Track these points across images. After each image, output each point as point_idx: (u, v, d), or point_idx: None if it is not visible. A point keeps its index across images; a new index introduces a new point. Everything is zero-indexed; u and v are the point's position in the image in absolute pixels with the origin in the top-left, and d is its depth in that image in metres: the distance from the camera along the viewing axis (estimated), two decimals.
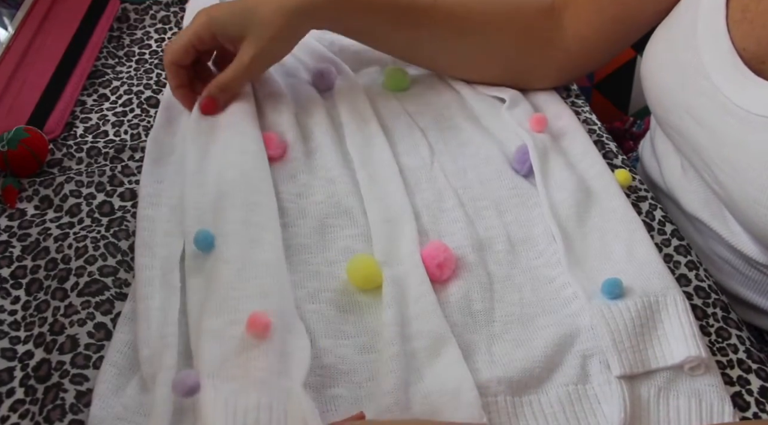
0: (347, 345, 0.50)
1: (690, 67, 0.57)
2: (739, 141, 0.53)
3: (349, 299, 0.53)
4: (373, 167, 0.62)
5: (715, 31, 0.56)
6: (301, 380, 0.45)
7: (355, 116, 0.66)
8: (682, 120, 0.59)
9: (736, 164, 0.53)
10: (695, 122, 0.57)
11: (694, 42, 0.57)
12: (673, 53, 0.59)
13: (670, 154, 0.67)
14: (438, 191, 0.61)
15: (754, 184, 0.52)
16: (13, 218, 0.58)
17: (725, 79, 0.54)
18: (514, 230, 0.59)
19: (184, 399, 0.44)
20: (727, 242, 0.61)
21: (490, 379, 0.47)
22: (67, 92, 0.68)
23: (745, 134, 0.52)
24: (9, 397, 0.47)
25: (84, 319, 0.51)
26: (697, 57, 0.57)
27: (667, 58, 0.60)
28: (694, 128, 0.57)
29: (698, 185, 0.63)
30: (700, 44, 0.56)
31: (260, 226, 0.54)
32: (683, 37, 0.58)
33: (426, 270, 0.53)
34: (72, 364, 0.48)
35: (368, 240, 0.57)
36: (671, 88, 0.59)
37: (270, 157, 0.61)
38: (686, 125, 0.58)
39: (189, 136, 0.61)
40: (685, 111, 0.58)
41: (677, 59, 0.59)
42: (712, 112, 0.55)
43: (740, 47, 0.54)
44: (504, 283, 0.55)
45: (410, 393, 0.47)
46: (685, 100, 0.58)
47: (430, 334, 0.50)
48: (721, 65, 0.55)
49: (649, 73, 0.63)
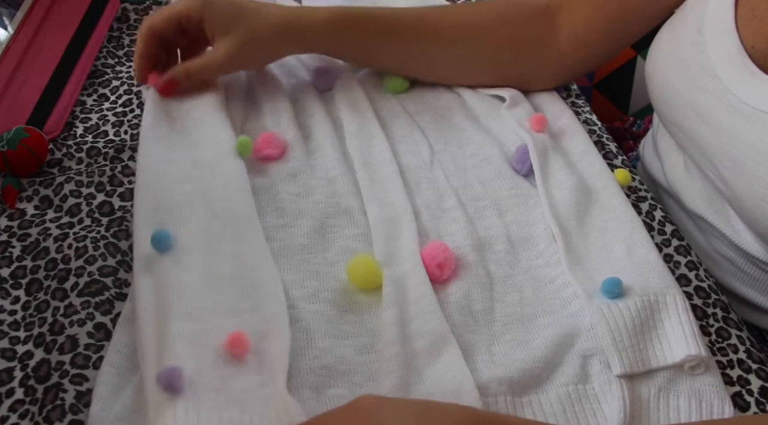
0: (347, 345, 0.50)
1: (696, 65, 0.57)
2: (746, 138, 0.53)
3: (348, 300, 0.53)
4: (373, 166, 0.62)
5: (724, 30, 0.56)
6: (283, 382, 0.45)
7: (356, 116, 0.66)
8: (687, 117, 0.59)
9: (741, 162, 0.53)
10: (701, 119, 0.57)
11: (700, 40, 0.57)
12: (679, 51, 0.59)
13: (673, 151, 0.67)
14: (438, 190, 0.61)
15: (760, 181, 0.52)
16: (13, 218, 0.58)
17: (733, 77, 0.54)
18: (514, 230, 0.59)
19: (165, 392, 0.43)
20: (730, 239, 0.61)
21: (490, 379, 0.47)
22: (67, 92, 0.68)
23: (752, 132, 0.52)
24: (9, 397, 0.47)
25: (84, 319, 0.51)
26: (703, 55, 0.57)
27: (672, 56, 0.60)
28: (699, 126, 0.57)
29: (701, 183, 0.63)
30: (708, 42, 0.56)
31: (229, 237, 0.53)
32: (689, 35, 0.58)
33: (426, 270, 0.53)
34: (72, 364, 0.48)
35: (368, 240, 0.57)
36: (676, 86, 0.59)
37: (269, 156, 0.61)
38: (691, 122, 0.58)
39: (148, 123, 0.61)
40: (690, 109, 0.58)
41: (683, 57, 0.59)
42: (718, 109, 0.55)
43: (749, 45, 0.54)
44: (504, 283, 0.55)
45: (410, 393, 0.47)
46: (690, 98, 0.58)
47: (431, 334, 0.50)
48: (729, 63, 0.55)
49: (653, 70, 0.63)
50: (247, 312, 0.49)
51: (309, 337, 0.50)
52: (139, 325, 0.48)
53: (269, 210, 0.58)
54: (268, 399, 0.44)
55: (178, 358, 0.44)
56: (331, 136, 0.64)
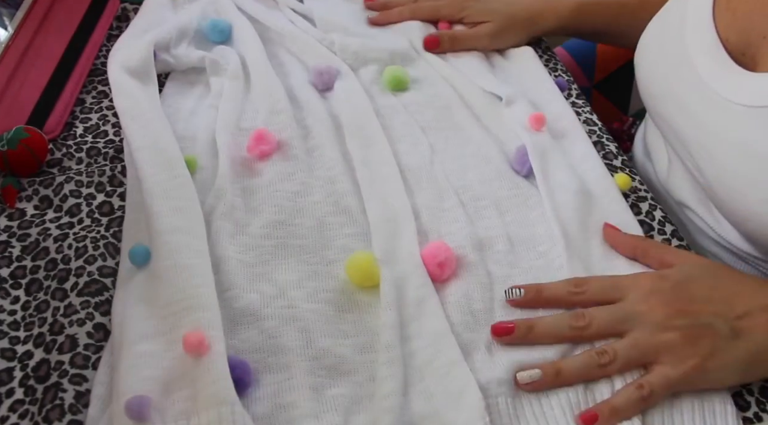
0: (347, 345, 0.50)
1: (676, 56, 0.58)
2: (719, 129, 0.54)
3: (348, 299, 0.53)
4: (373, 166, 0.62)
5: (702, 21, 0.57)
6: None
7: (356, 116, 0.66)
8: (667, 108, 0.60)
9: (714, 152, 0.54)
10: (679, 110, 0.58)
11: (681, 31, 0.58)
12: (663, 42, 0.61)
13: (660, 144, 0.68)
14: (438, 190, 0.61)
15: (731, 171, 0.53)
16: (12, 218, 0.58)
17: (708, 69, 0.55)
18: (514, 230, 0.59)
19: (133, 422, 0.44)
20: (713, 229, 0.62)
21: (490, 380, 0.47)
22: (67, 92, 0.68)
23: (725, 123, 0.53)
24: (8, 397, 0.47)
25: (83, 319, 0.51)
26: (682, 46, 0.58)
27: (657, 46, 0.61)
28: (679, 117, 0.59)
29: (683, 174, 0.64)
30: (687, 34, 0.58)
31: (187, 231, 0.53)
32: (672, 26, 0.60)
33: (426, 270, 0.53)
34: (71, 364, 0.48)
35: (367, 239, 0.57)
36: (658, 76, 0.61)
37: (263, 153, 0.61)
38: (671, 113, 0.60)
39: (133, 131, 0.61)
40: (670, 99, 0.59)
41: (665, 48, 0.60)
42: (694, 100, 0.56)
43: (724, 38, 0.56)
44: (504, 283, 0.55)
45: (411, 393, 0.47)
46: (671, 88, 0.59)
47: (431, 334, 0.50)
48: (705, 55, 0.56)
49: (640, 61, 0.64)
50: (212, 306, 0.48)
51: (308, 337, 0.50)
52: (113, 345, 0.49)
53: (266, 208, 0.58)
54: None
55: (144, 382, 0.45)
56: (331, 135, 0.64)
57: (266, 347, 0.49)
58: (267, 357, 0.49)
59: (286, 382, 0.47)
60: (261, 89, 0.67)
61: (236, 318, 0.50)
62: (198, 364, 0.45)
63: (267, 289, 0.52)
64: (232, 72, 0.69)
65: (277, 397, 0.47)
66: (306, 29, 0.76)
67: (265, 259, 0.55)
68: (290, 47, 0.75)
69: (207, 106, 0.67)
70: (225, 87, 0.68)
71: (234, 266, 0.53)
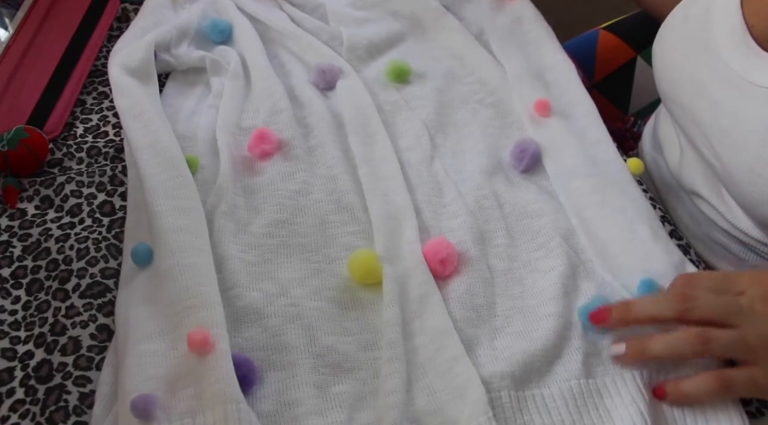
0: (350, 342, 0.50)
1: (699, 41, 0.59)
2: (739, 111, 0.55)
3: (350, 296, 0.53)
4: (374, 163, 0.62)
5: (729, 8, 0.58)
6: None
7: (358, 113, 0.66)
8: (685, 92, 0.61)
9: (733, 134, 0.55)
10: (698, 94, 0.59)
11: (707, 17, 0.59)
12: (686, 28, 0.62)
13: (672, 135, 0.69)
14: (438, 184, 0.61)
15: (751, 153, 0.53)
16: (13, 218, 0.58)
17: (732, 53, 0.57)
18: (513, 223, 0.59)
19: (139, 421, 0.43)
20: (724, 217, 0.63)
21: (493, 374, 0.47)
22: (67, 92, 0.68)
23: (746, 105, 0.54)
24: (9, 397, 0.47)
25: (86, 321, 0.50)
26: (707, 32, 0.59)
27: (679, 33, 0.62)
28: (697, 100, 0.59)
29: (696, 162, 0.64)
30: (713, 19, 0.59)
31: (189, 231, 0.53)
32: (697, 13, 0.61)
33: (428, 266, 0.53)
34: (75, 366, 0.48)
35: (369, 237, 0.57)
36: (678, 61, 0.62)
37: (264, 152, 0.61)
38: (689, 97, 0.60)
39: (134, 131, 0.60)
40: (689, 83, 0.60)
41: (688, 34, 0.61)
42: (715, 84, 0.57)
43: (750, 24, 0.56)
44: (505, 276, 0.55)
45: (414, 389, 0.47)
46: (691, 73, 0.60)
47: (433, 330, 0.50)
48: (730, 40, 0.57)
49: (660, 48, 0.65)
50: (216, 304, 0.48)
51: (312, 335, 0.50)
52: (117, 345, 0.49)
53: (268, 207, 0.58)
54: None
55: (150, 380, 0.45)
56: (332, 133, 0.64)
57: (270, 345, 0.49)
58: (271, 355, 0.49)
59: (291, 380, 0.47)
60: (261, 89, 0.67)
61: (239, 317, 0.50)
62: (203, 362, 0.45)
63: (270, 287, 0.52)
64: (232, 72, 0.69)
65: (282, 395, 0.47)
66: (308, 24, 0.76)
67: (267, 257, 0.55)
68: (291, 47, 0.75)
69: (207, 105, 0.67)
70: (225, 87, 0.67)
71: (236, 265, 0.53)
